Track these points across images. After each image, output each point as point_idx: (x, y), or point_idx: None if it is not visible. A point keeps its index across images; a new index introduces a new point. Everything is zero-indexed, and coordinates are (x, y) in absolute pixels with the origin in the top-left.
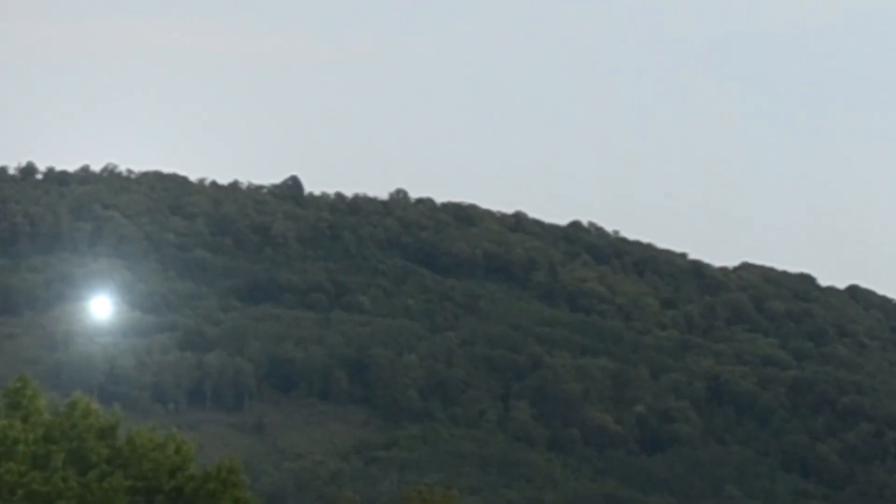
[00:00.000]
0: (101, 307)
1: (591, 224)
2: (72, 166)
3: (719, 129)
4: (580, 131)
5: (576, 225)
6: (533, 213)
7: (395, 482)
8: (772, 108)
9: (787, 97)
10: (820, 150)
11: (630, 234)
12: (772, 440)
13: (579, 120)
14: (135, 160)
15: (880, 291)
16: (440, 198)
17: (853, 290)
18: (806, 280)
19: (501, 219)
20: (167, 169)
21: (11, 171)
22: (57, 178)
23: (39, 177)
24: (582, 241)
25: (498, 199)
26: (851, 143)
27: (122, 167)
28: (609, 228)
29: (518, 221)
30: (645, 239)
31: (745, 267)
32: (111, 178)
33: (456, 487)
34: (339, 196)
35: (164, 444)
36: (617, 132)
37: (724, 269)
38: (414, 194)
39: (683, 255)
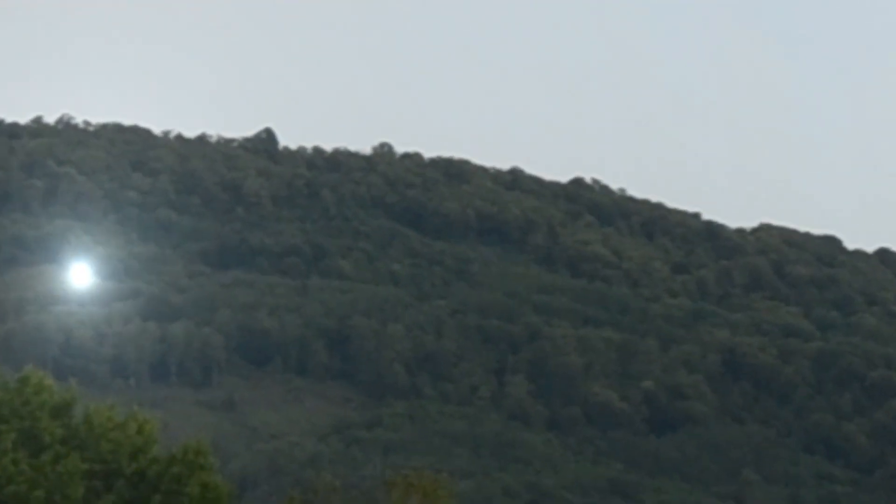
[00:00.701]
0: (80, 275)
1: (595, 181)
2: (23, 118)
3: (735, 77)
4: (583, 80)
5: (578, 182)
6: (531, 170)
7: (379, 465)
8: (793, 55)
9: (809, 43)
10: (845, 102)
11: (637, 193)
12: (794, 419)
13: (582, 67)
14: (93, 111)
15: None
16: (429, 152)
17: (883, 254)
18: (831, 243)
19: (496, 175)
20: (128, 121)
21: None
22: (7, 131)
23: None
24: (584, 199)
25: (492, 154)
26: (880, 94)
27: (79, 119)
28: (614, 186)
29: (514, 178)
30: (654, 197)
31: (765, 228)
32: (67, 131)
33: (446, 471)
34: (318, 150)
35: (125, 424)
36: (623, 80)
37: (741, 231)
38: (400, 149)
39: (696, 216)
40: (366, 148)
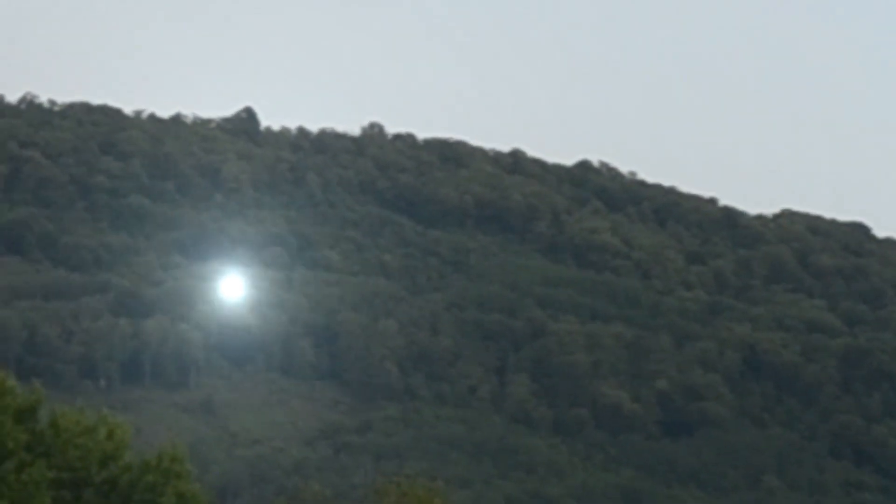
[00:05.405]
0: (232, 287)
1: (603, 164)
2: None
3: (756, 50)
4: (591, 55)
5: (584, 165)
6: (533, 152)
7: (370, 473)
8: (818, 26)
9: (836, 15)
10: (874, 76)
11: (649, 176)
12: (819, 421)
13: (589, 42)
14: (58, 89)
15: None
16: (423, 133)
17: None
18: (859, 230)
19: (496, 158)
20: (97, 100)
21: None
22: None
23: None
24: (591, 184)
25: (492, 135)
26: None
27: (44, 98)
28: (624, 169)
29: (516, 161)
30: (667, 182)
31: (787, 215)
32: (30, 111)
33: (442, 479)
34: (302, 131)
35: (94, 429)
36: (634, 56)
37: (761, 218)
38: (391, 129)
39: (713, 201)
40: (354, 128)
